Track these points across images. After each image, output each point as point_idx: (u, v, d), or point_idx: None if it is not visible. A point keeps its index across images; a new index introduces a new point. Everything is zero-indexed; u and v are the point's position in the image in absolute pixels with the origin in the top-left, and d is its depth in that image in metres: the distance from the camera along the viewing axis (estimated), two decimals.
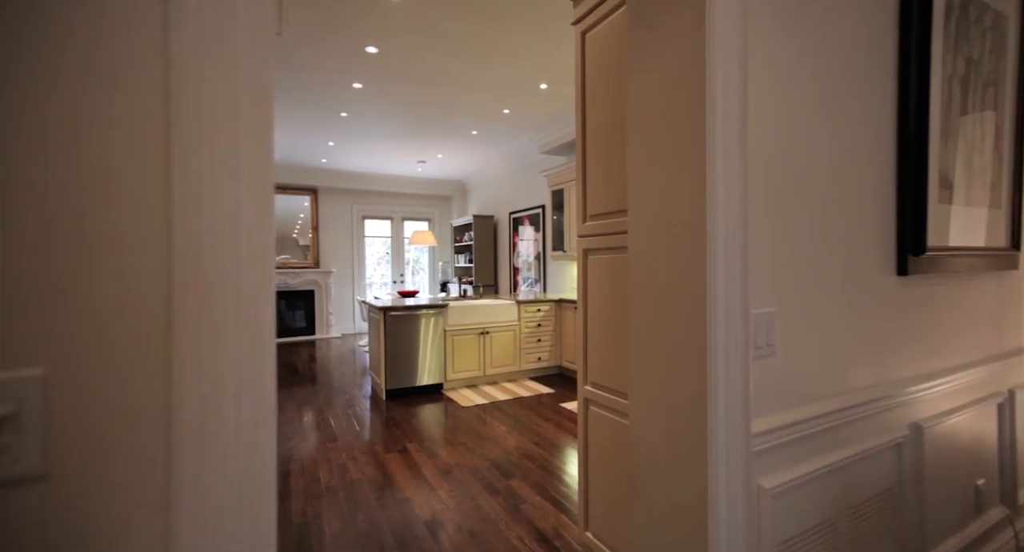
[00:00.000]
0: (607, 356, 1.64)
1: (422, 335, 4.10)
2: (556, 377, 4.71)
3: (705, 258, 0.97)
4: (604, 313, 1.65)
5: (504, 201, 7.14)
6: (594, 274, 1.70)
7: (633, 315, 1.15)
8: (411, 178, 8.01)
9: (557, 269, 5.85)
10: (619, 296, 1.55)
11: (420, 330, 4.10)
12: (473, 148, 6.02)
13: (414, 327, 4.07)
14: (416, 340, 4.08)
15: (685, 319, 1.02)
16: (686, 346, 1.01)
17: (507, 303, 4.51)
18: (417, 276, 8.77)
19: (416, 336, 4.08)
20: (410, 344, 4.05)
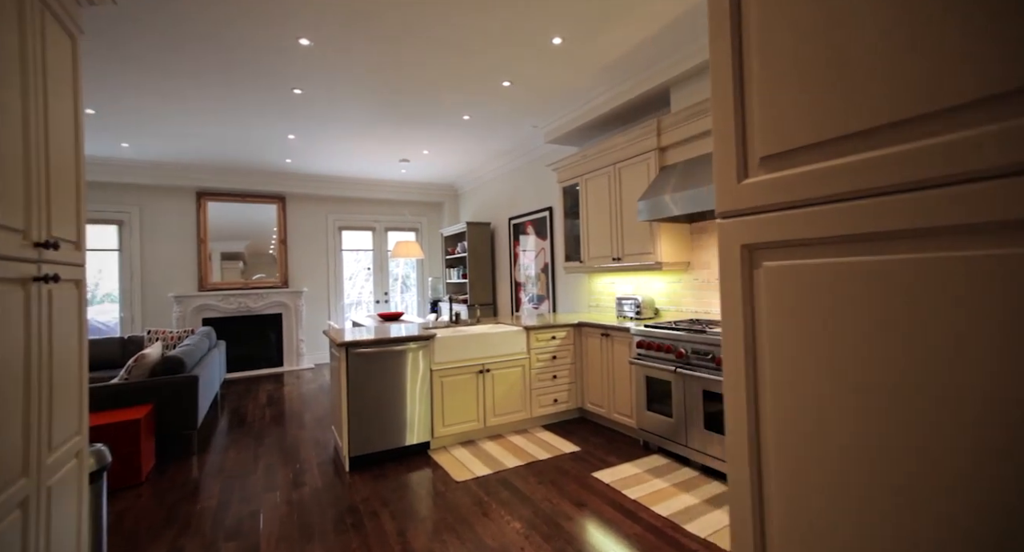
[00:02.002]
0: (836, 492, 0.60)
1: (400, 378, 3.03)
2: (577, 424, 3.64)
3: None
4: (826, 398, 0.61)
5: (502, 205, 6.14)
6: (786, 306, 0.67)
7: None
8: (394, 182, 7.01)
9: (570, 284, 4.82)
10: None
11: (397, 371, 3.03)
12: (465, 139, 5.03)
13: (389, 367, 3.00)
14: (392, 385, 3.01)
15: None
16: None
17: (513, 330, 3.46)
18: (406, 294, 7.71)
19: (391, 380, 3.00)
20: (383, 391, 2.98)
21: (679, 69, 3.04)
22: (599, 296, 4.37)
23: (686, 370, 2.68)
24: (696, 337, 2.63)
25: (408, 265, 7.71)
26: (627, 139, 3.47)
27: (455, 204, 7.59)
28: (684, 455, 2.75)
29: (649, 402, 2.99)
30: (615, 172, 3.66)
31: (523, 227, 5.65)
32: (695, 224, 3.38)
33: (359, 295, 7.36)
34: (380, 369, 2.97)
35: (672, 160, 3.21)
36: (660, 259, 3.25)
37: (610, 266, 3.72)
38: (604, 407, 3.48)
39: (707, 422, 2.59)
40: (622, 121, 3.97)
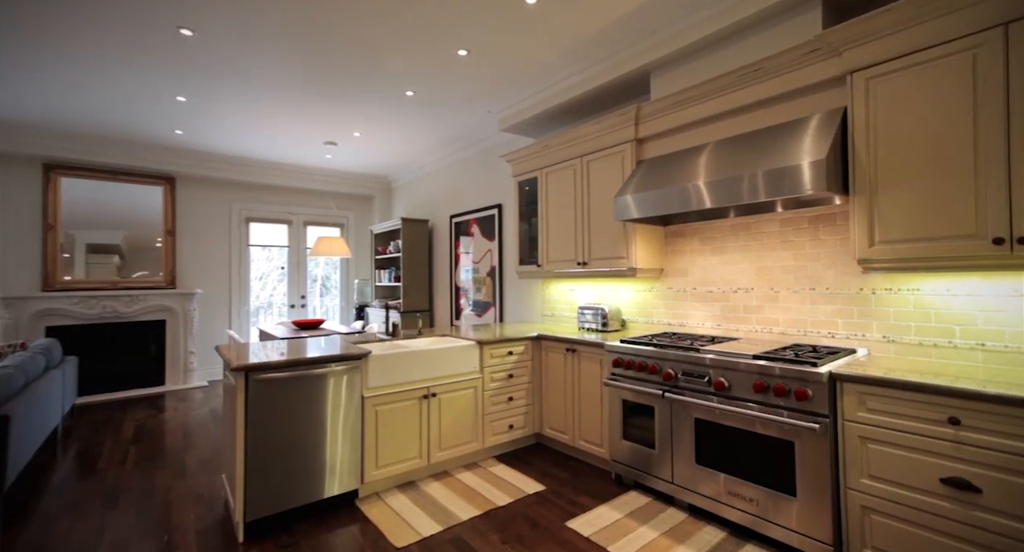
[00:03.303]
0: None
1: (319, 409, 2.33)
2: (535, 453, 3.15)
3: None
4: None
5: (443, 201, 5.53)
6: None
7: None
8: (317, 169, 6.09)
9: (520, 290, 4.34)
10: None
11: (315, 401, 2.32)
12: (405, 122, 4.37)
13: (305, 396, 2.29)
14: (308, 419, 2.30)
15: None
16: None
17: (464, 345, 2.89)
18: (326, 298, 6.75)
19: (308, 412, 2.30)
20: (296, 427, 2.26)
21: (661, 51, 2.70)
22: (555, 304, 3.94)
23: (675, 394, 2.30)
24: (689, 356, 2.26)
25: (329, 265, 6.78)
26: (599, 128, 3.07)
27: (388, 198, 6.81)
28: (667, 492, 2.37)
29: (625, 430, 2.58)
30: (582, 165, 3.25)
31: (467, 226, 5.09)
32: (670, 227, 3.06)
33: (270, 298, 6.30)
34: (293, 398, 2.25)
35: (650, 155, 2.86)
36: (635, 265, 2.88)
37: (574, 272, 3.30)
38: (567, 434, 3.02)
39: (699, 456, 2.22)
40: (590, 111, 3.59)
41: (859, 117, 1.94)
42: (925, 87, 1.77)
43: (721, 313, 2.76)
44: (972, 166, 1.67)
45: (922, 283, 2.03)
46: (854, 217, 1.96)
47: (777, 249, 2.51)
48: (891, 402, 1.67)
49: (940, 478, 1.56)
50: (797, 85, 2.15)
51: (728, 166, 2.23)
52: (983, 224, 1.65)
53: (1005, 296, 1.83)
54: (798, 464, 1.88)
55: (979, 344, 1.89)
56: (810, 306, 2.37)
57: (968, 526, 1.51)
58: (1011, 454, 1.43)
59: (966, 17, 1.68)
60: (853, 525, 1.76)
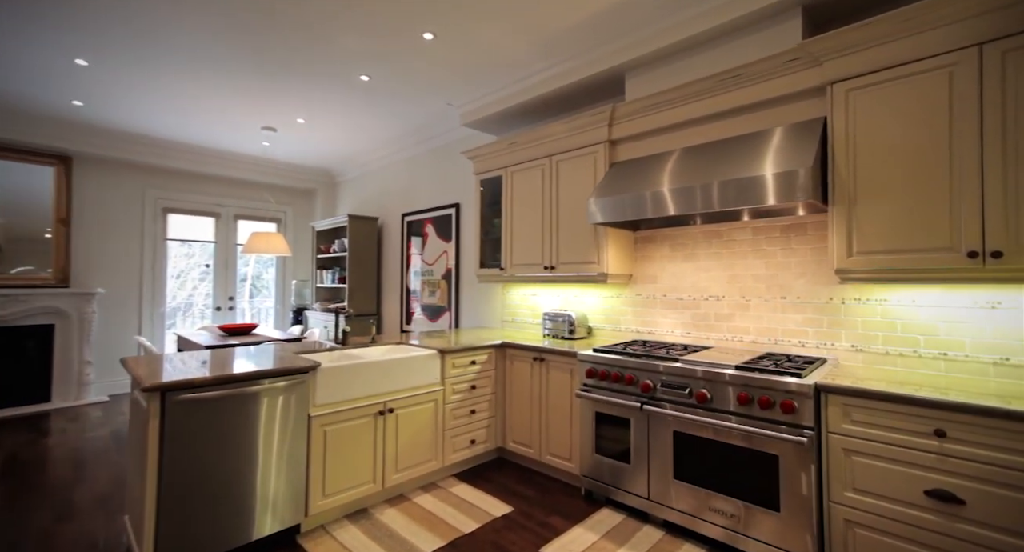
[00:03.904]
0: None
1: (250, 434, 1.98)
2: (497, 469, 2.94)
3: None
4: None
5: (395, 198, 5.19)
6: None
7: None
8: (252, 157, 5.50)
9: (479, 294, 4.13)
10: None
11: (247, 424, 1.97)
12: (357, 109, 4.02)
13: (235, 420, 1.93)
14: (240, 447, 1.94)
15: None
16: None
17: (424, 354, 2.63)
18: (257, 299, 6.12)
19: (240, 438, 1.94)
20: (224, 458, 1.90)
21: (638, 51, 2.63)
22: (517, 310, 3.77)
23: (654, 406, 2.20)
24: (669, 367, 2.17)
25: (261, 264, 6.16)
26: (571, 127, 2.95)
27: (332, 193, 6.32)
28: (641, 508, 2.26)
29: (598, 443, 2.45)
30: (551, 165, 3.11)
31: (421, 226, 4.79)
32: (640, 232, 3.00)
33: (189, 298, 5.59)
34: (221, 422, 1.88)
35: (623, 157, 2.78)
36: (606, 270, 2.78)
37: (540, 276, 3.15)
38: (533, 448, 2.85)
39: (678, 470, 2.13)
40: (559, 110, 3.46)
41: (839, 128, 1.95)
42: (904, 101, 1.80)
43: (691, 321, 2.73)
44: (948, 181, 1.71)
45: (889, 294, 2.08)
46: (833, 227, 1.96)
47: (749, 257, 2.51)
48: (877, 414, 1.66)
49: (924, 490, 1.56)
50: (777, 93, 2.14)
51: (709, 172, 2.17)
52: (958, 238, 1.69)
53: (966, 308, 1.90)
54: (782, 478, 1.83)
55: (942, 353, 1.95)
56: (781, 315, 2.38)
57: (951, 538, 1.51)
58: (995, 466, 1.45)
59: (944, 35, 1.72)
60: (836, 539, 1.73)
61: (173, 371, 1.92)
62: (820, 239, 2.27)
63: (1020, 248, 1.57)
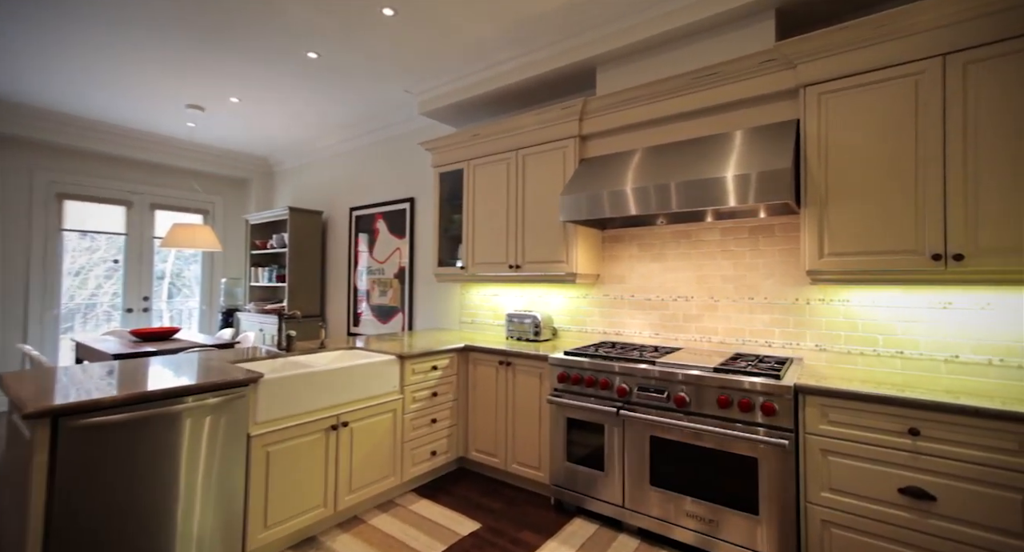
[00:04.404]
0: None
1: (170, 463, 1.67)
2: (458, 480, 2.76)
3: None
4: None
5: (343, 191, 4.82)
6: None
7: None
8: (174, 140, 4.88)
9: (435, 294, 3.91)
10: None
11: (170, 453, 1.65)
12: (301, 91, 3.66)
13: (151, 447, 1.61)
14: (156, 479, 1.62)
15: None
16: None
17: (382, 360, 2.39)
18: (177, 299, 5.46)
19: (158, 469, 1.62)
20: (135, 494, 1.57)
21: (610, 45, 2.55)
22: (477, 311, 3.60)
23: (630, 411, 2.13)
24: (646, 370, 2.11)
25: (183, 260, 5.51)
26: (540, 120, 2.83)
27: (269, 183, 5.79)
28: (614, 516, 2.19)
29: (570, 451, 2.35)
30: (518, 160, 2.98)
31: (371, 221, 4.48)
32: (607, 231, 2.94)
33: (92, 299, 4.86)
34: (129, 452, 1.55)
35: (593, 153, 2.70)
36: (575, 270, 2.69)
37: (504, 275, 3.00)
38: (498, 457, 2.70)
39: (654, 476, 2.07)
40: (525, 103, 3.33)
41: (811, 131, 1.98)
42: (874, 107, 1.85)
43: (659, 321, 2.70)
44: (914, 185, 1.77)
45: (851, 295, 2.15)
46: (805, 229, 1.98)
47: (718, 258, 2.51)
48: (853, 414, 1.67)
49: (898, 488, 1.59)
50: (752, 94, 2.14)
51: (683, 171, 2.13)
52: (923, 241, 1.75)
53: (921, 308, 1.99)
54: (761, 481, 1.81)
55: (898, 352, 2.03)
56: (749, 315, 2.40)
57: (923, 534, 1.55)
58: (963, 462, 1.50)
59: (911, 44, 1.77)
60: (813, 540, 1.74)
61: (69, 388, 1.56)
62: (787, 241, 2.31)
63: (979, 251, 1.65)
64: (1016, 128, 1.60)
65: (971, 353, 1.89)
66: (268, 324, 4.73)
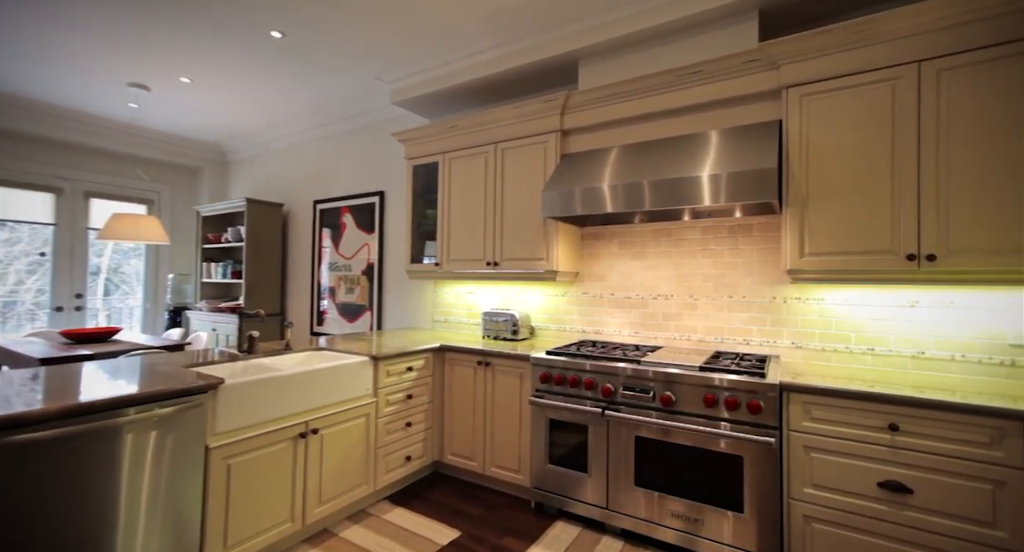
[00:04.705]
0: None
1: (112, 485, 1.48)
2: (434, 485, 2.65)
3: None
4: None
5: (306, 182, 4.56)
6: None
7: None
8: (114, 123, 4.46)
9: (405, 292, 3.76)
10: None
11: (109, 473, 1.46)
12: (262, 73, 3.41)
13: (89, 467, 1.42)
14: (92, 505, 1.43)
15: None
16: None
17: (354, 362, 2.25)
18: (115, 296, 5.00)
19: (94, 494, 1.43)
20: (67, 525, 1.38)
21: (593, 38, 2.51)
22: (450, 309, 3.48)
23: (615, 411, 2.09)
24: (631, 369, 2.08)
25: (121, 254, 5.06)
26: (520, 113, 2.75)
27: (222, 173, 5.41)
28: (597, 518, 2.15)
29: (552, 453, 2.29)
30: (496, 153, 2.89)
31: (337, 215, 4.26)
32: (587, 229, 2.90)
33: (12, 296, 4.37)
34: (59, 474, 1.36)
35: (574, 149, 2.65)
36: (555, 268, 2.63)
37: (481, 273, 2.91)
38: (476, 460, 2.61)
39: (639, 477, 2.05)
40: (504, 95, 3.23)
41: (793, 132, 2.01)
42: (853, 110, 1.89)
43: (639, 320, 2.69)
44: (890, 188, 1.82)
45: (826, 294, 2.20)
46: (786, 228, 2.01)
47: (697, 257, 2.52)
48: (836, 411, 1.70)
49: (878, 482, 1.63)
50: (735, 93, 2.15)
51: (668, 168, 2.12)
52: (898, 241, 1.80)
53: (891, 306, 2.07)
54: (746, 479, 1.82)
55: (869, 349, 2.11)
56: (728, 314, 2.43)
57: (900, 526, 1.59)
58: (939, 455, 1.55)
59: (889, 50, 1.82)
60: (796, 535, 1.76)
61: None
62: (765, 240, 2.35)
63: (951, 252, 1.71)
64: (985, 135, 1.67)
65: (935, 349, 1.98)
66: (223, 323, 4.41)
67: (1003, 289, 1.86)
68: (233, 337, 4.31)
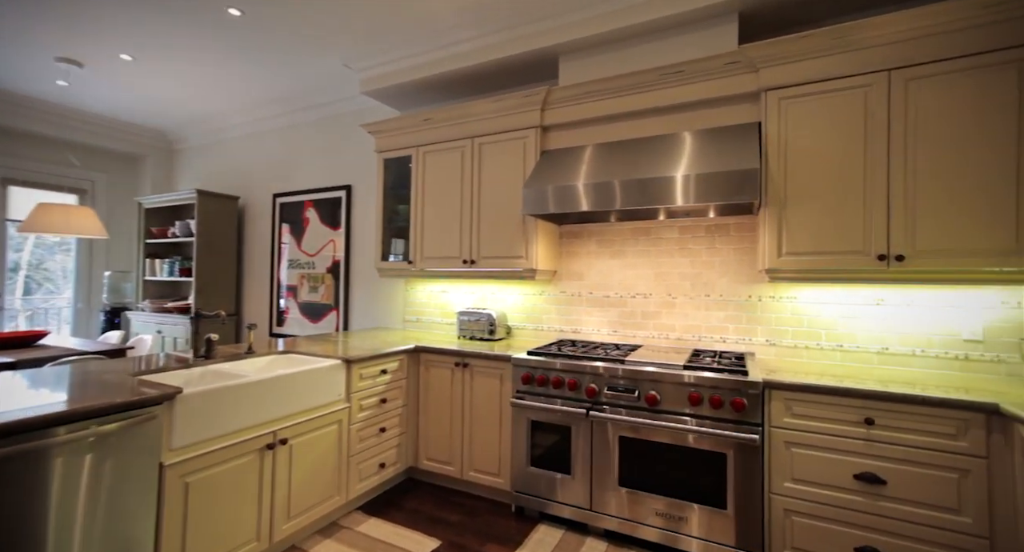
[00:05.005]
0: None
1: (41, 516, 1.30)
2: (409, 493, 2.54)
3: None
4: None
5: (265, 174, 4.28)
6: None
7: None
8: (37, 102, 4.00)
9: (375, 291, 3.60)
10: None
11: (33, 504, 1.28)
12: (217, 54, 3.16)
13: (15, 502, 1.23)
14: (12, 540, 1.25)
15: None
16: None
17: (326, 365, 2.10)
18: (39, 295, 4.51)
19: (16, 525, 1.24)
20: None
21: (574, 34, 2.48)
22: (423, 308, 3.37)
23: (600, 412, 2.07)
24: (616, 369, 2.06)
25: (45, 248, 4.58)
26: (499, 107, 2.68)
27: (168, 162, 5.00)
28: (580, 520, 2.13)
29: (533, 455, 2.24)
30: (474, 148, 2.80)
31: (299, 209, 4.02)
32: (565, 227, 2.87)
33: None
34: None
35: (553, 146, 2.61)
36: (534, 266, 2.59)
37: (457, 271, 2.82)
38: (453, 465, 2.52)
39: (623, 477, 2.03)
40: (481, 89, 3.14)
41: (772, 134, 2.05)
42: (829, 114, 1.95)
43: (618, 319, 2.69)
44: (862, 190, 1.89)
45: (799, 292, 2.28)
46: (765, 228, 2.05)
47: (676, 256, 2.55)
48: (816, 406, 1.75)
49: (854, 474, 1.69)
50: (715, 94, 2.18)
51: (653, 167, 2.12)
52: (870, 242, 1.88)
53: (859, 305, 2.16)
54: (730, 476, 1.84)
55: (838, 345, 2.19)
56: (705, 312, 2.47)
57: (874, 516, 1.66)
58: (910, 447, 1.62)
59: (862, 58, 1.89)
60: (776, 529, 1.80)
61: None
62: (741, 240, 2.40)
63: (918, 253, 1.80)
64: (949, 143, 1.77)
65: (899, 345, 2.09)
66: (170, 325, 4.07)
67: (962, 288, 1.98)
68: (182, 340, 3.98)
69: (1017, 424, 1.46)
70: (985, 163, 1.72)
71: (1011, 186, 1.69)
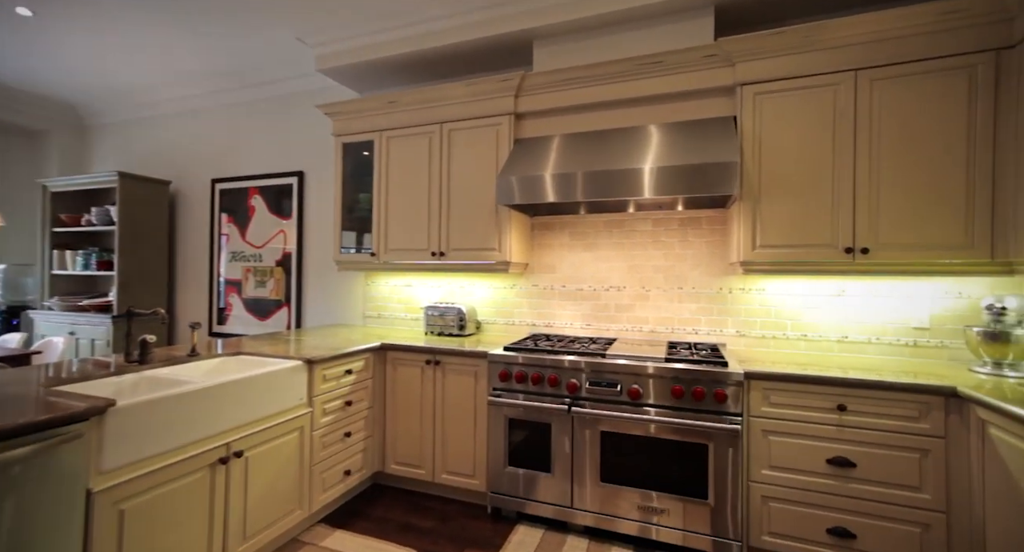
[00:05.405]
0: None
1: None
2: (376, 500, 2.38)
3: None
4: None
5: (202, 157, 3.86)
6: None
7: None
8: None
9: (331, 286, 3.36)
10: None
11: None
12: (144, 16, 2.78)
13: None
14: None
15: None
16: None
17: (286, 367, 1.90)
18: None
19: None
20: None
21: (549, 19, 2.39)
22: (385, 303, 3.18)
23: (582, 407, 2.02)
24: (597, 363, 2.02)
25: None
26: (471, 92, 2.55)
27: (79, 139, 4.40)
28: (559, 518, 2.08)
29: (511, 454, 2.17)
30: (443, 134, 2.66)
31: (243, 196, 3.67)
32: (537, 218, 2.80)
33: None
34: None
35: (528, 134, 2.53)
36: (508, 258, 2.50)
37: (425, 264, 2.68)
38: (424, 468, 2.39)
39: (604, 473, 2.00)
40: (447, 73, 2.98)
41: (747, 128, 2.08)
42: (801, 110, 2.00)
43: (591, 312, 2.66)
44: (831, 185, 1.96)
45: (767, 284, 2.35)
46: (739, 221, 2.08)
47: (649, 248, 2.55)
48: (792, 395, 1.80)
49: (826, 459, 1.75)
50: (693, 87, 2.18)
51: (624, 158, 2.09)
52: (837, 235, 1.95)
53: (823, 296, 2.26)
54: (710, 467, 1.86)
55: (803, 335, 2.29)
56: (678, 304, 2.49)
57: (845, 497, 1.73)
58: (878, 431, 1.70)
59: (831, 56, 1.96)
60: (755, 516, 1.84)
61: None
62: (713, 233, 2.44)
63: (881, 246, 1.89)
64: (909, 142, 1.86)
65: (857, 334, 2.21)
66: (86, 325, 3.58)
67: (918, 280, 2.12)
68: (102, 342, 3.52)
69: (973, 405, 1.56)
70: (939, 162, 1.83)
71: (961, 184, 1.81)
